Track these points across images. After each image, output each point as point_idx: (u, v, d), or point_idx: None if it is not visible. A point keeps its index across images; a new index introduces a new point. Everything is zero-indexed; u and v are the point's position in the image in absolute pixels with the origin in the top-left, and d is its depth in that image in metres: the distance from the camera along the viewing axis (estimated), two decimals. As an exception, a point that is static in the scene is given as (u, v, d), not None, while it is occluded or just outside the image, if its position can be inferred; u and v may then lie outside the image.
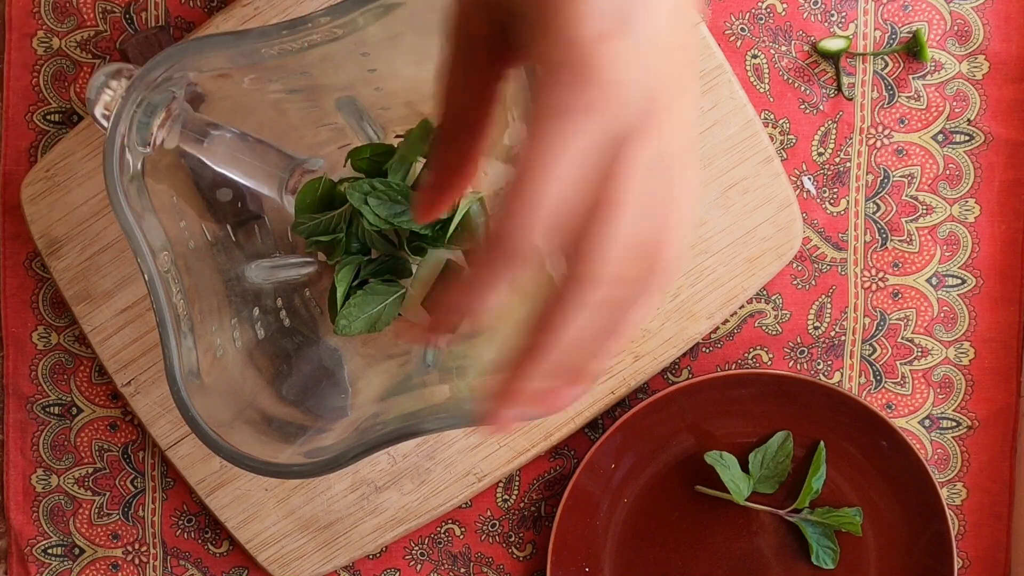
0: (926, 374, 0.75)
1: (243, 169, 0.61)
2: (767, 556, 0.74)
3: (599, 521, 0.74)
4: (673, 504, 0.74)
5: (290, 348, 0.66)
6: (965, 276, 0.75)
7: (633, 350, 0.72)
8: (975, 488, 0.75)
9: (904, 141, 0.74)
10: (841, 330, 0.75)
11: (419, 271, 0.65)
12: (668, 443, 0.74)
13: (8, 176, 0.73)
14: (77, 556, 0.75)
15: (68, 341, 0.74)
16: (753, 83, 0.73)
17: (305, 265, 0.67)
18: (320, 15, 0.50)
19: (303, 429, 0.61)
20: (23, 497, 0.75)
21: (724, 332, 0.75)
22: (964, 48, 0.73)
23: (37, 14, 0.73)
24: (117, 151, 0.52)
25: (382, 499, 0.73)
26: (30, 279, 0.74)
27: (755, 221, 0.72)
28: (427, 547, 0.76)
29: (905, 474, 0.72)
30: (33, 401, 0.74)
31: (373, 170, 0.63)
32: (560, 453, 0.75)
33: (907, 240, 0.74)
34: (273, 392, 0.63)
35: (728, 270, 0.72)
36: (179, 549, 0.75)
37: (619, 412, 0.74)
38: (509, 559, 0.76)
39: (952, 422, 0.75)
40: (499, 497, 0.75)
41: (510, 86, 0.42)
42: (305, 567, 0.73)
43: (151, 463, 0.75)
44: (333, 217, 0.62)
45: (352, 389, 0.66)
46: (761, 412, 0.73)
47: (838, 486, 0.74)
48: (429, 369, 0.66)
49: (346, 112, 0.64)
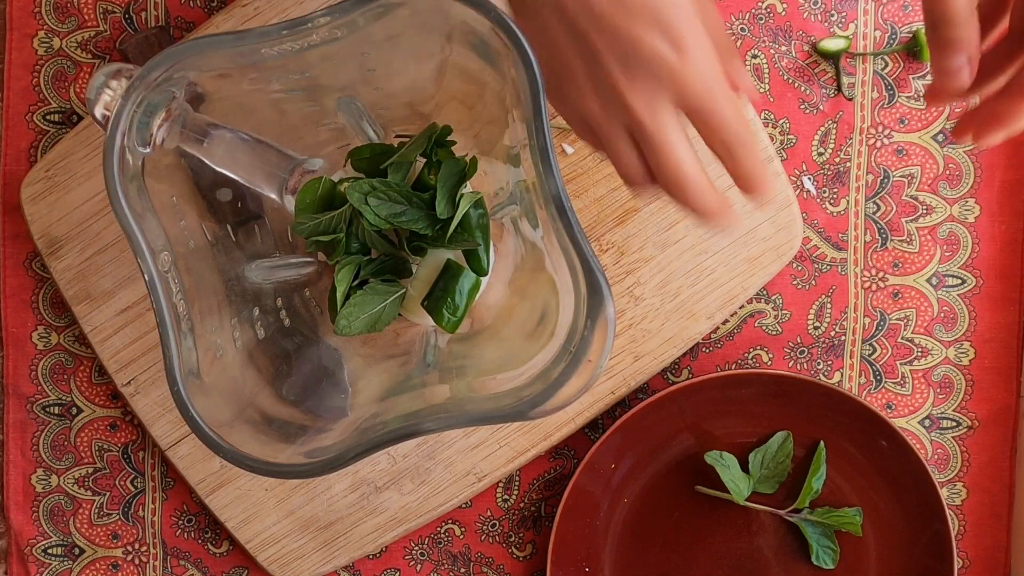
0: (926, 374, 0.75)
1: (243, 169, 0.61)
2: (767, 556, 0.74)
3: (599, 521, 0.74)
4: (673, 504, 0.74)
5: (290, 348, 0.66)
6: (965, 276, 0.75)
7: (633, 350, 0.72)
8: (975, 488, 0.75)
9: (904, 141, 0.74)
10: (841, 330, 0.75)
11: (419, 271, 0.65)
12: (668, 443, 0.74)
13: (8, 176, 0.73)
14: (77, 556, 0.75)
15: (68, 341, 0.74)
16: (753, 83, 0.73)
17: (305, 265, 0.67)
18: (320, 15, 0.50)
19: (303, 429, 0.61)
20: (23, 497, 0.75)
21: (724, 332, 0.75)
22: (964, 48, 0.73)
23: (38, 14, 0.73)
24: (117, 151, 0.51)
25: (382, 499, 0.73)
26: (30, 279, 0.74)
27: (755, 221, 0.72)
28: (427, 547, 0.76)
29: (905, 474, 0.72)
30: (33, 401, 0.74)
31: (373, 170, 0.63)
32: (560, 453, 0.75)
33: (907, 240, 0.74)
34: (273, 392, 0.63)
35: (728, 270, 0.72)
36: (179, 549, 0.75)
37: (619, 412, 0.74)
38: (509, 559, 0.76)
39: (952, 422, 0.75)
40: (499, 497, 0.75)
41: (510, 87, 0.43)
42: (305, 567, 0.73)
43: (151, 463, 0.75)
44: (333, 217, 0.62)
45: (352, 389, 0.66)
46: (761, 412, 0.73)
47: (838, 486, 0.74)
48: (429, 369, 0.66)
49: (346, 112, 0.63)
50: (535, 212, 0.58)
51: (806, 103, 0.74)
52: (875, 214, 0.74)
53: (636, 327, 0.72)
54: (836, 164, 0.74)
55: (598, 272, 0.51)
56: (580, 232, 0.51)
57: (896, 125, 0.74)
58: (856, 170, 0.74)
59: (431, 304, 0.64)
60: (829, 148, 0.74)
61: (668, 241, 0.72)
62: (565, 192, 0.51)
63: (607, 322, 0.51)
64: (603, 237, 0.72)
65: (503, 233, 0.68)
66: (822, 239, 0.74)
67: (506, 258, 0.68)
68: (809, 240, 0.74)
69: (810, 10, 0.73)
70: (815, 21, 0.73)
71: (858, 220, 0.74)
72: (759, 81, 0.74)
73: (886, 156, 0.74)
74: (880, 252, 0.74)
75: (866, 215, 0.74)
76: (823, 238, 0.74)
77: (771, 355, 0.75)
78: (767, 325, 0.75)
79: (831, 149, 0.74)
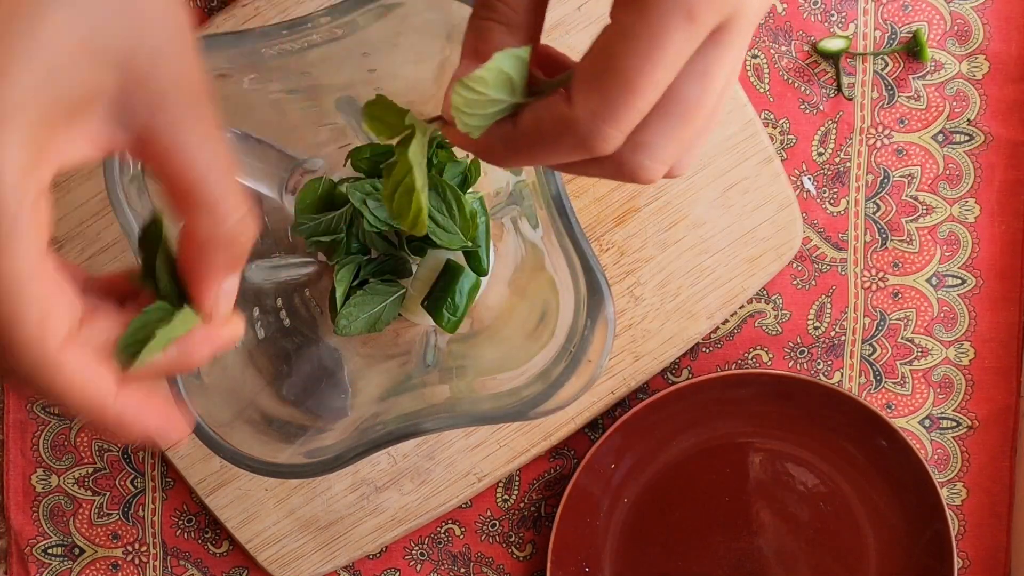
0: (926, 374, 0.75)
1: (243, 169, 0.61)
2: (767, 556, 0.74)
3: (599, 521, 0.74)
4: (673, 504, 0.74)
5: (290, 348, 0.66)
6: (965, 276, 0.75)
7: (633, 350, 0.72)
8: (975, 488, 0.75)
9: (904, 141, 0.74)
10: (841, 330, 0.75)
11: (419, 271, 0.65)
12: (668, 443, 0.74)
13: (8, 176, 0.73)
14: (77, 556, 0.75)
15: (68, 341, 0.74)
16: (753, 83, 0.73)
17: (305, 265, 0.67)
18: (320, 15, 0.50)
19: (303, 429, 0.61)
20: (23, 497, 0.75)
21: (724, 332, 0.75)
22: (964, 48, 0.73)
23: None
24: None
25: (382, 499, 0.73)
26: (30, 279, 0.74)
27: (755, 221, 0.72)
28: (427, 547, 0.76)
29: (905, 474, 0.72)
30: (33, 401, 0.74)
31: (373, 170, 0.63)
32: (560, 453, 0.75)
33: (907, 240, 0.74)
34: (273, 392, 0.63)
35: (728, 270, 0.72)
36: (179, 549, 0.75)
37: (619, 412, 0.74)
38: (509, 559, 0.76)
39: (952, 422, 0.75)
40: (499, 497, 0.75)
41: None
42: (305, 567, 0.73)
43: (151, 463, 0.75)
44: (333, 217, 0.62)
45: (352, 389, 0.66)
46: (761, 412, 0.73)
47: (838, 486, 0.74)
48: (429, 369, 0.66)
49: (346, 112, 0.63)
50: (535, 212, 0.58)
51: (806, 103, 0.74)
52: (875, 214, 0.74)
53: (636, 327, 0.72)
54: (836, 164, 0.74)
55: (598, 272, 0.51)
56: (580, 232, 0.51)
57: (896, 125, 0.74)
58: (856, 170, 0.74)
59: (431, 304, 0.64)
60: (829, 148, 0.74)
61: (668, 241, 0.72)
62: (565, 192, 0.51)
63: (607, 322, 0.51)
64: (603, 237, 0.72)
65: (503, 233, 0.68)
66: (822, 239, 0.74)
67: (506, 258, 0.68)
68: (809, 240, 0.74)
69: (810, 10, 0.73)
70: (815, 21, 0.73)
71: (858, 220, 0.74)
72: (759, 81, 0.74)
73: (886, 156, 0.74)
74: (880, 252, 0.74)
75: (866, 215, 0.74)
76: (823, 238, 0.74)
77: (771, 355, 0.75)
78: (767, 325, 0.75)
79: (831, 149, 0.74)
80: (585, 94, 0.35)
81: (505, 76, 0.38)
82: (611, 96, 0.34)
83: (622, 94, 0.34)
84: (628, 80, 0.34)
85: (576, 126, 0.35)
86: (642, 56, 0.33)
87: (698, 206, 0.72)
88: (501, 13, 0.38)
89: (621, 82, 0.34)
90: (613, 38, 0.34)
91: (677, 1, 0.33)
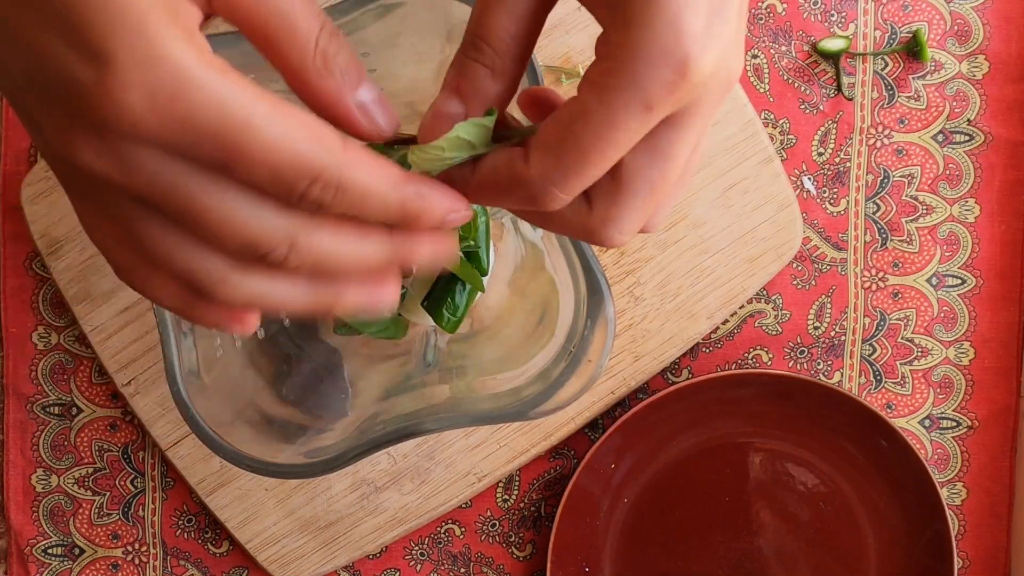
0: (926, 374, 0.75)
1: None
2: (767, 556, 0.74)
3: (599, 521, 0.74)
4: (673, 504, 0.74)
5: (290, 348, 0.66)
6: (965, 276, 0.75)
7: (633, 350, 0.72)
8: (975, 488, 0.75)
9: (904, 141, 0.74)
10: (841, 330, 0.75)
11: (419, 271, 0.65)
12: (668, 443, 0.74)
13: (8, 176, 0.73)
14: (77, 556, 0.75)
15: (68, 341, 0.74)
16: (753, 83, 0.73)
17: (305, 265, 0.67)
18: (320, 15, 0.50)
19: (303, 429, 0.61)
20: (23, 497, 0.75)
21: (724, 332, 0.75)
22: (964, 48, 0.73)
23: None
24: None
25: (382, 499, 0.73)
26: (30, 279, 0.74)
27: (755, 221, 0.72)
28: (427, 547, 0.76)
29: (905, 474, 0.72)
30: (33, 401, 0.74)
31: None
32: (560, 453, 0.75)
33: (907, 240, 0.74)
34: (273, 392, 0.63)
35: (728, 270, 0.72)
36: (179, 549, 0.75)
37: (619, 412, 0.74)
38: (509, 559, 0.76)
39: (952, 422, 0.75)
40: (499, 497, 0.75)
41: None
42: (305, 567, 0.73)
43: (151, 463, 0.75)
44: (333, 217, 0.62)
45: (352, 389, 0.66)
46: (761, 412, 0.73)
47: (838, 486, 0.74)
48: (429, 369, 0.66)
49: (346, 112, 0.63)
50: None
51: (806, 103, 0.74)
52: (875, 214, 0.74)
53: (636, 327, 0.72)
54: (836, 164, 0.74)
55: (598, 272, 0.51)
56: (580, 232, 0.51)
57: (896, 125, 0.74)
58: (856, 170, 0.74)
59: (431, 304, 0.64)
60: (829, 148, 0.74)
61: (668, 241, 0.72)
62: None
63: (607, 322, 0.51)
64: (603, 237, 0.72)
65: (503, 233, 0.68)
66: (822, 239, 0.74)
67: (506, 258, 0.68)
68: (809, 240, 0.74)
69: (810, 10, 0.73)
70: (815, 21, 0.73)
71: (858, 220, 0.74)
72: (759, 81, 0.74)
73: (886, 156, 0.74)
74: (880, 252, 0.74)
75: (866, 215, 0.74)
76: (823, 238, 0.74)
77: (771, 355, 0.75)
78: (767, 325, 0.75)
79: (831, 149, 0.74)
80: (541, 158, 0.37)
81: (464, 142, 0.39)
82: (563, 164, 0.37)
83: (574, 165, 0.37)
84: (581, 154, 0.36)
85: (529, 185, 0.38)
86: (597, 136, 0.36)
87: (698, 206, 0.72)
88: (487, 57, 0.39)
89: (574, 155, 0.37)
90: (575, 113, 0.36)
91: (637, 92, 0.35)
